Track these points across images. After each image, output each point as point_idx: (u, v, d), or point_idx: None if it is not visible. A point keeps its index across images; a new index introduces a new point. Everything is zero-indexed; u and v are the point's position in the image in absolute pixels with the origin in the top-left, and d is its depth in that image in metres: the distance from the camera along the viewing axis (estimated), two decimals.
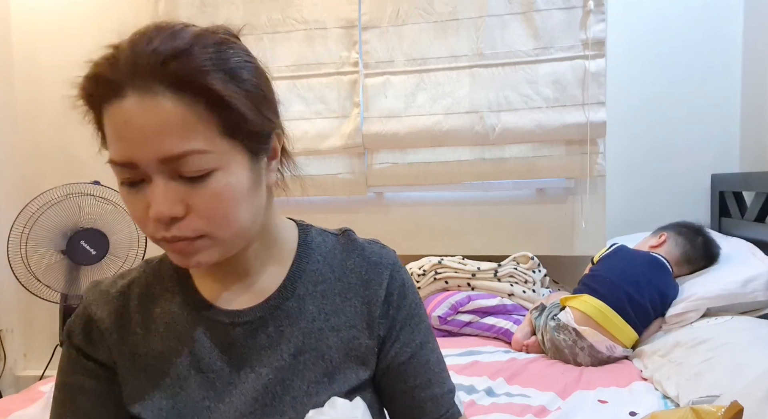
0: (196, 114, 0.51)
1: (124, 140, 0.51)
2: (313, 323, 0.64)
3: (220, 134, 0.53)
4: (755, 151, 2.00)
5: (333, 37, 2.08)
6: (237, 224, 0.56)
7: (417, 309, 0.69)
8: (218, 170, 0.53)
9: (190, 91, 0.51)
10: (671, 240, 1.72)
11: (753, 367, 1.11)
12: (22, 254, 2.00)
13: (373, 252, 0.68)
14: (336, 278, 0.66)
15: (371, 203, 2.18)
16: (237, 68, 0.54)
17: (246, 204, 0.56)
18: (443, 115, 2.00)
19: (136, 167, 0.52)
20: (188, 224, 0.54)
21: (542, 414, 1.21)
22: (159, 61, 0.50)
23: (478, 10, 1.97)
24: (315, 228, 0.71)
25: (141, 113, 0.50)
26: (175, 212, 0.53)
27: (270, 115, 0.58)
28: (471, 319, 1.80)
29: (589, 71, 1.90)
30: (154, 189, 0.52)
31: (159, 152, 0.51)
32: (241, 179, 0.55)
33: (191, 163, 0.52)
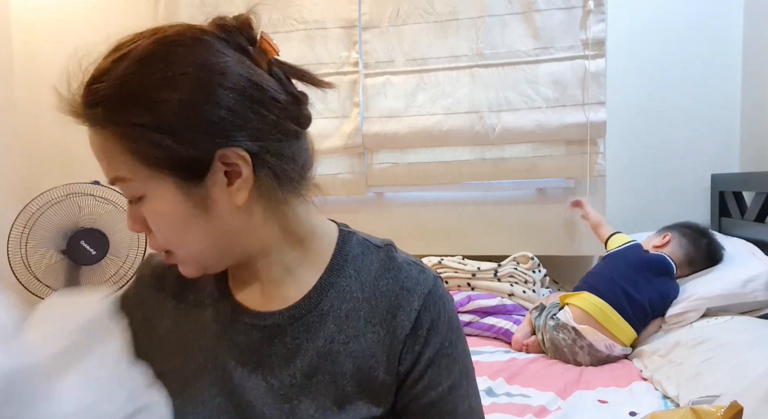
0: (114, 144, 0.53)
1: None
2: (331, 344, 0.59)
3: (138, 163, 0.53)
4: (755, 151, 2.00)
5: (333, 37, 2.08)
6: (187, 246, 0.57)
7: (452, 348, 0.61)
8: (145, 196, 0.55)
9: (105, 124, 0.53)
10: (675, 241, 1.72)
11: (753, 367, 1.11)
12: (22, 254, 2.00)
13: (409, 276, 0.61)
14: (364, 299, 0.61)
15: (371, 203, 2.18)
16: (156, 89, 0.51)
17: (190, 229, 0.56)
18: (443, 115, 2.00)
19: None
20: (152, 239, 0.58)
21: (542, 414, 1.20)
22: (86, 96, 0.54)
23: (478, 10, 1.97)
24: (358, 237, 0.66)
25: (90, 140, 0.56)
26: (135, 229, 0.57)
27: (202, 137, 0.52)
28: (471, 319, 1.80)
29: (589, 71, 1.90)
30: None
31: (105, 174, 0.56)
32: (171, 206, 0.54)
33: (123, 188, 0.56)
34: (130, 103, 0.52)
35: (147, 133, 0.51)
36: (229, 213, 0.56)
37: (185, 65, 0.52)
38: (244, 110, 0.53)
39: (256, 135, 0.54)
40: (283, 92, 0.57)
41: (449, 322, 0.61)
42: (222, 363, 0.60)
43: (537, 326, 1.65)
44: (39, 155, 2.46)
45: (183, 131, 0.52)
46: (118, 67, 0.52)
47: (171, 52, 0.52)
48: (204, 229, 0.56)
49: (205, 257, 0.58)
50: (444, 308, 0.61)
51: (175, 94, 0.51)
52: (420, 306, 0.59)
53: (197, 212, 0.55)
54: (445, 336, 0.60)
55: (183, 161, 0.53)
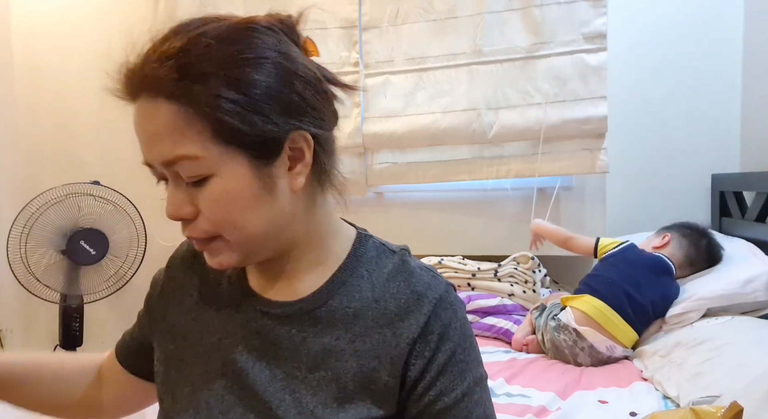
0: (186, 120, 0.52)
1: (140, 142, 0.55)
2: (337, 341, 0.59)
3: (213, 139, 0.52)
4: (756, 151, 2.00)
5: (333, 37, 2.08)
6: (245, 229, 0.56)
7: (464, 355, 0.60)
8: (214, 176, 0.53)
9: (181, 98, 0.51)
10: (675, 242, 1.72)
11: (753, 367, 1.10)
12: (22, 254, 2.00)
13: (420, 281, 0.61)
14: (374, 299, 0.61)
15: (371, 203, 2.18)
16: (241, 68, 0.52)
17: (254, 211, 0.55)
18: (441, 113, 2.00)
19: (152, 167, 0.56)
20: (198, 225, 0.55)
21: (542, 414, 1.20)
22: (158, 69, 0.51)
23: (477, 7, 1.96)
24: (374, 240, 0.67)
25: (144, 117, 0.53)
26: (182, 214, 0.55)
27: (281, 118, 0.54)
28: (471, 319, 1.80)
29: (590, 65, 1.89)
30: (167, 190, 0.56)
31: (157, 155, 0.54)
32: (242, 185, 0.54)
33: (185, 168, 0.53)
34: (217, 78, 0.51)
35: (234, 108, 0.52)
36: (286, 197, 0.57)
37: (265, 49, 0.54)
38: (310, 97, 0.57)
39: (317, 123, 0.58)
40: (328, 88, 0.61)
41: (461, 329, 0.60)
42: (230, 345, 0.62)
43: (537, 326, 1.65)
44: (39, 155, 2.46)
45: (266, 109, 0.53)
46: (197, 45, 0.52)
47: (249, 36, 0.54)
48: (265, 211, 0.56)
49: (256, 243, 0.57)
50: (456, 314, 0.60)
51: (259, 75, 0.53)
52: (430, 311, 0.59)
53: (263, 193, 0.55)
54: (458, 342, 0.59)
55: (261, 139, 0.54)
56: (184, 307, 0.68)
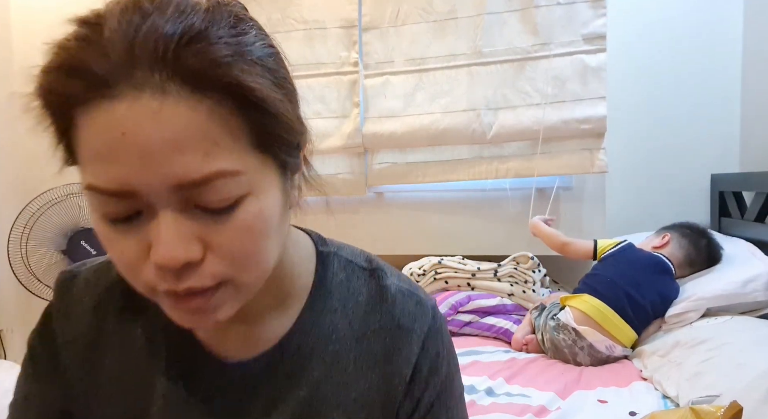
0: (223, 121, 0.37)
1: (118, 160, 0.36)
2: (317, 392, 0.50)
3: (252, 146, 0.40)
4: (755, 151, 2.00)
5: (333, 38, 2.08)
6: (265, 262, 0.43)
7: (450, 382, 0.55)
8: (249, 195, 0.40)
9: (214, 89, 0.37)
10: (674, 242, 1.72)
11: (753, 367, 1.11)
12: (23, 254, 2.00)
13: (404, 311, 0.53)
14: (354, 338, 0.52)
15: (371, 203, 2.18)
16: (264, 56, 0.40)
17: (277, 234, 0.44)
18: (441, 113, 2.00)
19: (134, 196, 0.37)
20: (207, 269, 0.39)
21: (542, 413, 1.21)
22: (169, 47, 0.35)
23: (477, 8, 1.96)
24: (339, 257, 0.55)
25: (145, 120, 0.35)
26: (192, 255, 0.38)
27: (298, 113, 0.45)
28: (471, 319, 1.80)
29: (589, 66, 1.89)
30: (160, 226, 0.38)
31: (172, 176, 0.37)
32: (276, 202, 0.43)
33: (218, 190, 0.38)
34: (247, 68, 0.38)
35: (279, 101, 0.40)
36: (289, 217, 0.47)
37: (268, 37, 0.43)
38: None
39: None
40: None
41: (448, 358, 0.55)
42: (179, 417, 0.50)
43: (537, 326, 1.65)
44: (39, 155, 2.46)
45: (294, 105, 0.43)
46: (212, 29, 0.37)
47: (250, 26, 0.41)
48: (281, 234, 0.45)
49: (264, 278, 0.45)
50: (443, 344, 0.54)
51: (276, 65, 0.42)
52: (420, 349, 0.52)
53: (284, 211, 0.45)
54: (446, 374, 0.54)
55: (291, 144, 0.43)
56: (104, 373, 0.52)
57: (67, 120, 0.39)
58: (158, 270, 0.39)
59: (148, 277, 0.39)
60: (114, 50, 0.35)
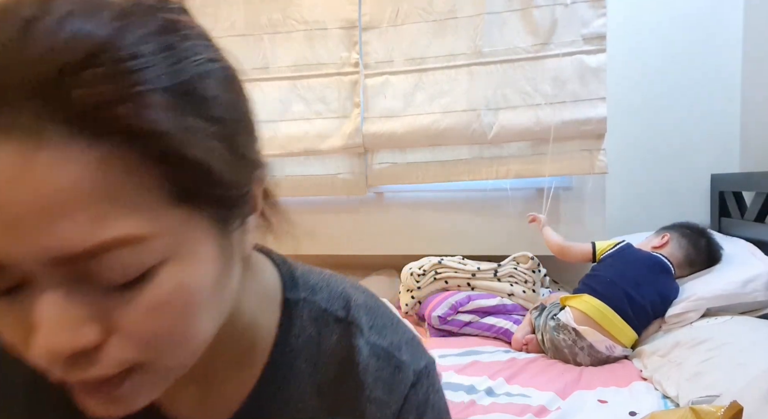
0: (123, 173, 0.28)
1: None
2: None
3: (169, 201, 0.30)
4: (755, 151, 2.00)
5: (333, 38, 2.08)
6: (193, 342, 0.34)
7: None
8: (166, 262, 0.30)
9: (110, 132, 0.27)
10: (674, 241, 1.72)
11: (753, 367, 1.11)
12: None
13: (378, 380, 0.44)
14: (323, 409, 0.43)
15: (371, 203, 2.18)
16: (197, 80, 0.30)
17: (210, 306, 0.34)
18: (441, 113, 2.00)
19: (3, 270, 0.28)
20: (110, 354, 0.30)
21: (542, 413, 1.21)
22: (49, 73, 0.26)
23: (477, 7, 1.96)
24: (312, 304, 0.45)
25: (10, 175, 0.26)
26: (84, 342, 0.29)
27: (252, 152, 0.36)
28: (471, 319, 1.80)
29: (589, 66, 1.89)
30: (41, 306, 0.29)
31: (49, 249, 0.27)
32: (206, 268, 0.33)
33: (116, 262, 0.29)
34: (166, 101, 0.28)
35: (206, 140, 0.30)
36: (237, 271, 0.37)
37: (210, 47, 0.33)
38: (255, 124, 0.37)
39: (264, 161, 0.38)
40: None
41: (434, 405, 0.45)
42: None
43: (537, 326, 1.65)
44: None
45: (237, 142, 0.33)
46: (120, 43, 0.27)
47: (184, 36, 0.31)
48: (221, 302, 0.36)
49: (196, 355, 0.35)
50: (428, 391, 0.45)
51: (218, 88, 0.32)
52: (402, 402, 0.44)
53: (225, 272, 0.35)
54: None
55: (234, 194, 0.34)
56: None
57: None
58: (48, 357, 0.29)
59: (38, 358, 0.29)
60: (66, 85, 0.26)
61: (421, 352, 0.46)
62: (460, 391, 1.29)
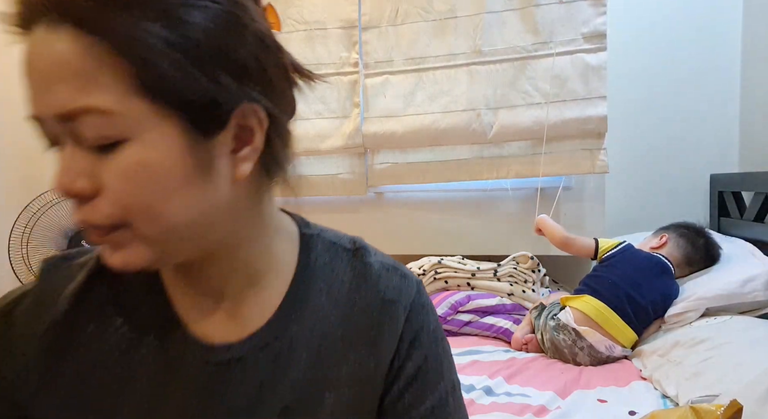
0: (101, 59, 0.38)
1: (27, 86, 0.41)
2: (306, 374, 0.49)
3: (136, 90, 0.39)
4: (754, 151, 2.00)
5: (333, 38, 2.08)
6: (163, 218, 0.42)
7: (436, 363, 0.53)
8: (129, 140, 0.40)
9: (97, 27, 0.38)
10: (672, 242, 1.72)
11: (752, 367, 1.11)
12: (23, 254, 2.01)
13: (389, 286, 0.53)
14: (340, 317, 0.52)
15: (371, 203, 2.18)
16: (180, 6, 0.39)
17: (180, 194, 0.42)
18: (441, 113, 2.00)
19: (42, 122, 0.42)
20: (98, 207, 0.41)
21: (542, 413, 1.21)
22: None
23: (477, 7, 1.96)
24: (323, 239, 0.55)
25: (40, 52, 0.39)
26: (78, 188, 0.40)
27: (228, 79, 0.42)
28: (471, 319, 1.80)
29: (590, 65, 1.89)
30: (59, 156, 0.41)
31: (52, 105, 0.40)
32: (168, 157, 0.41)
33: (90, 126, 0.39)
34: (148, 11, 0.38)
35: (170, 52, 0.39)
36: (224, 186, 0.44)
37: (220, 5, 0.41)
38: (267, 64, 0.44)
39: (273, 99, 0.45)
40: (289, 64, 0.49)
41: (433, 333, 0.54)
42: (166, 411, 0.48)
43: (537, 326, 1.65)
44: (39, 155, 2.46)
45: (210, 63, 0.40)
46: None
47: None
48: (193, 197, 0.42)
49: (176, 237, 0.43)
50: (428, 317, 0.54)
51: (202, 17, 0.40)
52: (404, 321, 0.52)
53: (194, 174, 0.42)
54: (429, 348, 0.53)
55: (202, 101, 0.41)
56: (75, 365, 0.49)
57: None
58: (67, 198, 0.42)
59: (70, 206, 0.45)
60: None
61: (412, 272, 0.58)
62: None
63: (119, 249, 0.43)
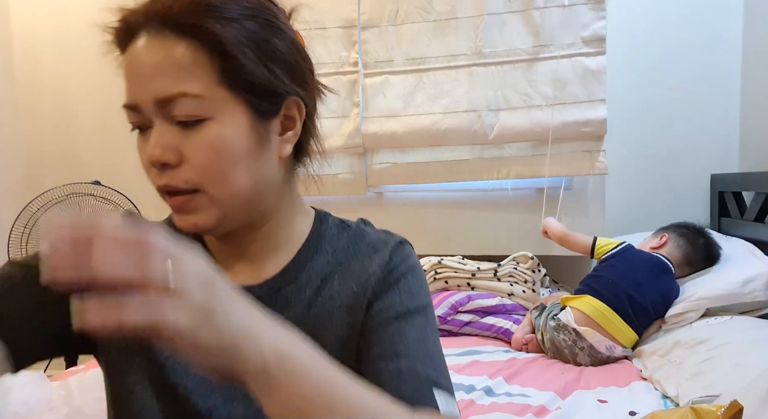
0: (195, 57, 0.51)
1: (130, 81, 0.53)
2: (309, 308, 0.60)
3: (218, 81, 0.52)
4: (755, 151, 2.00)
5: (333, 37, 2.08)
6: (233, 183, 0.53)
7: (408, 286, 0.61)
8: (212, 119, 0.52)
9: (191, 33, 0.51)
10: (672, 241, 1.72)
11: (753, 367, 1.11)
12: (23, 254, 2.00)
13: (378, 238, 0.65)
14: (338, 263, 0.63)
15: (371, 203, 2.18)
16: (246, 18, 0.53)
17: (244, 164, 0.54)
18: (442, 114, 2.00)
19: (138, 109, 0.52)
20: (180, 173, 0.52)
21: (542, 413, 1.21)
22: (167, 3, 0.51)
23: (477, 8, 1.96)
24: (334, 219, 0.68)
25: (144, 53, 0.51)
26: (167, 157, 0.51)
27: (281, 74, 0.55)
28: (471, 319, 1.80)
29: (589, 68, 1.89)
30: (153, 133, 0.52)
31: (153, 92, 0.51)
32: (239, 134, 0.53)
33: (183, 106, 0.51)
34: (233, 23, 0.52)
35: (246, 51, 0.52)
36: (273, 162, 0.57)
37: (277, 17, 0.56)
38: (307, 71, 0.60)
39: (310, 97, 0.60)
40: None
41: (413, 268, 0.63)
42: None
43: (537, 326, 1.65)
44: (40, 155, 2.46)
45: (274, 64, 0.54)
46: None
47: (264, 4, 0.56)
48: (254, 168, 0.55)
49: (237, 201, 0.55)
50: (410, 257, 0.64)
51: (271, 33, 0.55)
52: (384, 261, 0.62)
53: (256, 148, 0.54)
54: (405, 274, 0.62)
55: (266, 92, 0.54)
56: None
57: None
58: (153, 168, 0.53)
59: (152, 176, 0.53)
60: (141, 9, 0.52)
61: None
62: (460, 391, 1.29)
63: (193, 212, 0.54)
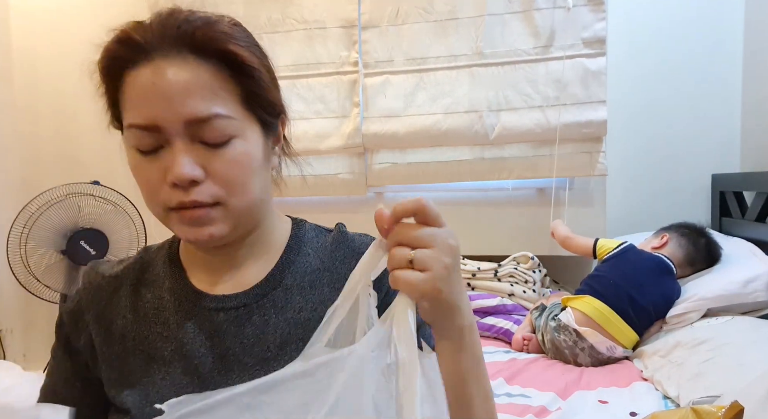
0: (221, 80, 0.54)
1: (150, 102, 0.53)
2: (300, 314, 0.62)
3: (241, 102, 0.56)
4: (756, 151, 2.00)
5: (333, 37, 2.08)
6: (251, 193, 0.57)
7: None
8: (237, 137, 0.55)
9: (216, 56, 0.54)
10: (673, 241, 1.72)
11: (753, 367, 1.11)
12: (22, 255, 2.00)
13: (362, 243, 0.67)
14: (325, 269, 0.65)
15: (371, 203, 2.18)
16: (253, 46, 0.58)
17: (258, 176, 0.58)
18: (442, 114, 2.00)
19: (158, 130, 0.53)
20: (205, 189, 0.54)
21: (543, 414, 1.20)
22: (188, 28, 0.53)
23: (478, 9, 1.96)
24: (310, 224, 0.71)
25: (169, 74, 0.52)
26: (196, 174, 0.53)
27: (279, 95, 0.61)
28: None
29: (589, 70, 1.89)
30: (174, 152, 0.53)
31: (185, 113, 0.52)
32: (257, 149, 0.58)
33: (215, 127, 0.53)
34: (250, 49, 0.56)
35: (262, 77, 0.57)
36: (268, 172, 0.62)
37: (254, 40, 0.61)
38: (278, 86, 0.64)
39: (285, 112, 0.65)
40: None
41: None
42: (190, 353, 0.60)
43: (537, 326, 1.65)
44: (39, 155, 2.46)
45: (277, 84, 0.61)
46: (225, 19, 0.57)
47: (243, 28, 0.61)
48: (263, 179, 0.60)
49: (249, 210, 0.59)
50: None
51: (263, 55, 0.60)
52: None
53: (264, 162, 0.60)
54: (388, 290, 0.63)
55: (275, 110, 0.60)
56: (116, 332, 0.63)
57: (116, 81, 0.55)
58: (172, 187, 0.54)
59: (164, 196, 0.55)
60: (153, 30, 0.53)
61: None
62: None
63: (209, 224, 0.56)
